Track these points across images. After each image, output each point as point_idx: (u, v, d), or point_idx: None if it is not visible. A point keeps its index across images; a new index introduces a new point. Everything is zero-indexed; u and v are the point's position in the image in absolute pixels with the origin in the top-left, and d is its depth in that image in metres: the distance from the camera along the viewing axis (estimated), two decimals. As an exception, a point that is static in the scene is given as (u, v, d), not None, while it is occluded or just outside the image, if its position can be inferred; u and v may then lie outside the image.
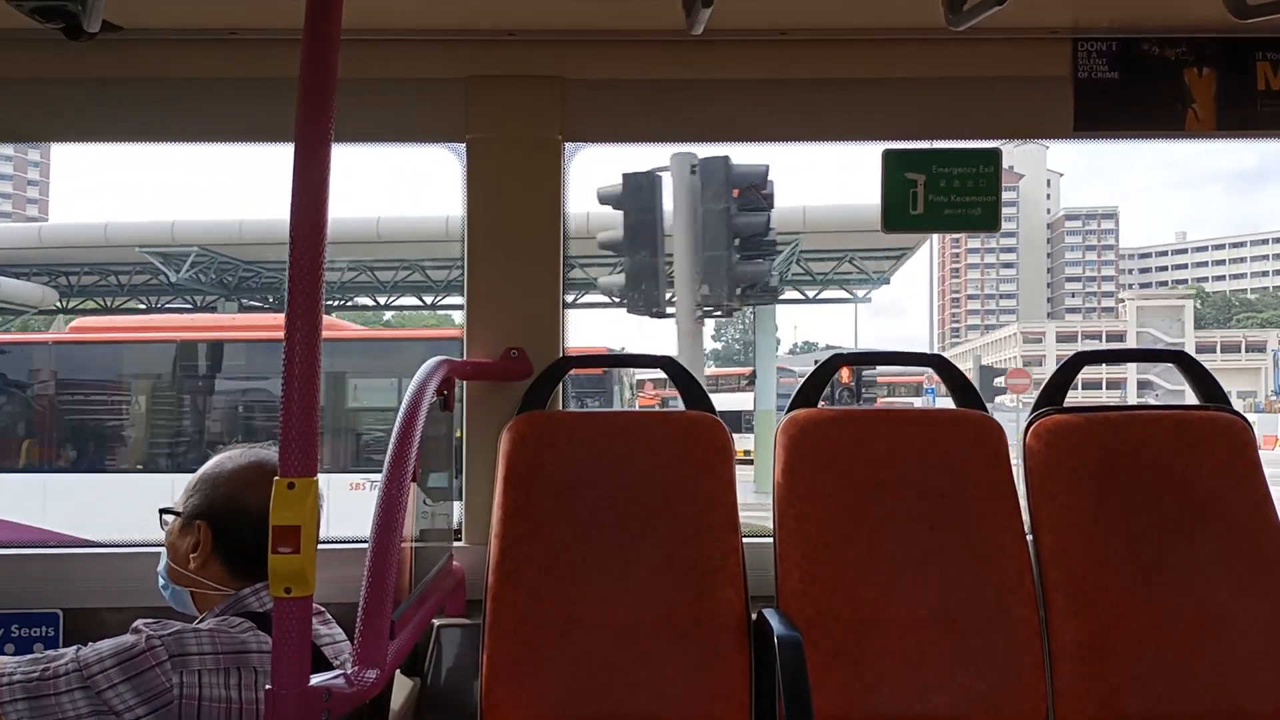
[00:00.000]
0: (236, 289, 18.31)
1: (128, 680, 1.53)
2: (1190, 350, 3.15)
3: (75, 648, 1.57)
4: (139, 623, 1.60)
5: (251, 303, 19.20)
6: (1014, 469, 2.18)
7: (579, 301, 18.05)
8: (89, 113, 2.37)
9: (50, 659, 1.55)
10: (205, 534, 1.73)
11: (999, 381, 26.62)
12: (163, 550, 1.80)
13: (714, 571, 2.04)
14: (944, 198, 2.37)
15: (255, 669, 1.60)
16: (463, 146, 2.36)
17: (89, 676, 1.52)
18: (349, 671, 1.38)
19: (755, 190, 8.92)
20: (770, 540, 2.12)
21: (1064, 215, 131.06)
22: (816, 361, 2.48)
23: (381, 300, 19.96)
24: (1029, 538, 2.12)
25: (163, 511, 1.81)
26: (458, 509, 2.31)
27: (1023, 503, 2.14)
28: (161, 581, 1.80)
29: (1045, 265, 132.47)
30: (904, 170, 2.38)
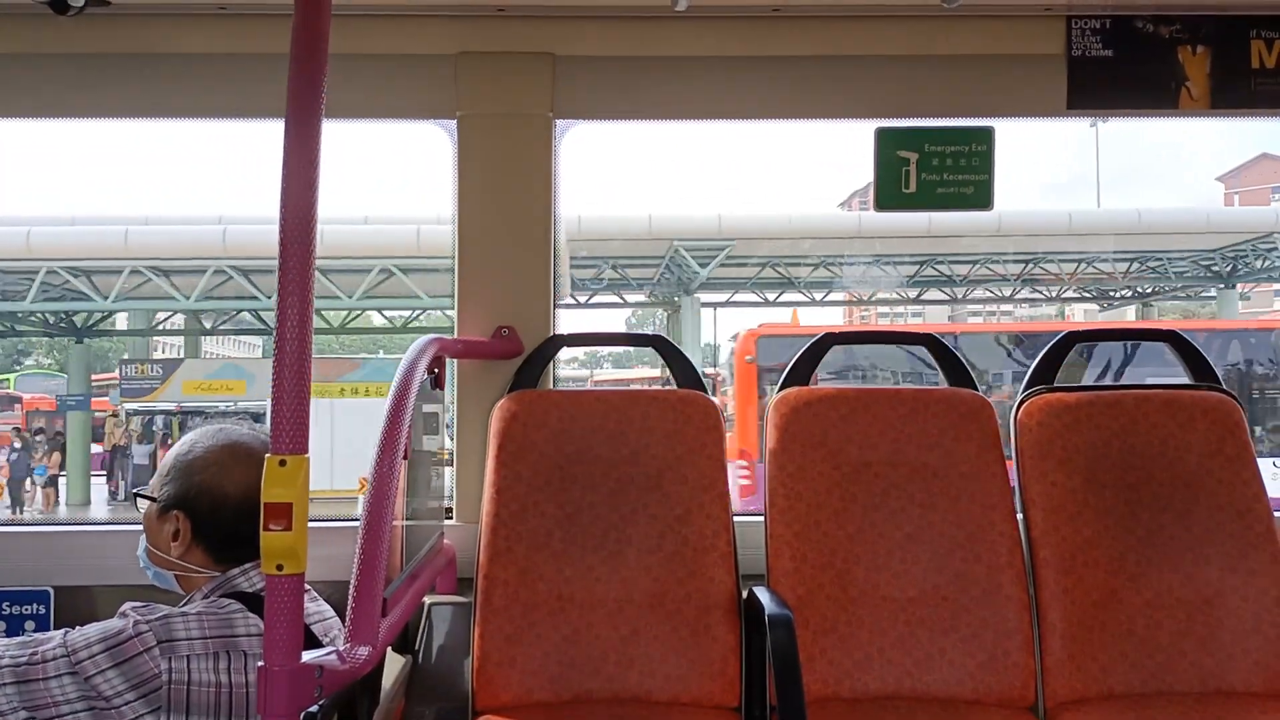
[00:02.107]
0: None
1: (115, 666, 1.52)
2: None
3: (64, 631, 1.56)
4: (127, 606, 1.59)
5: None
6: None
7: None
8: (76, 89, 2.34)
9: (39, 643, 1.54)
10: (184, 523, 1.71)
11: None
12: (142, 532, 1.78)
13: (705, 550, 2.05)
14: (936, 176, 2.37)
15: (244, 652, 1.59)
16: (453, 123, 2.34)
17: (77, 662, 1.51)
18: (341, 648, 1.38)
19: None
20: (761, 519, 2.13)
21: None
22: None
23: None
24: (1019, 516, 2.12)
25: (137, 495, 1.78)
26: (449, 487, 2.31)
27: (1013, 481, 2.15)
28: (143, 563, 1.77)
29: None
30: (896, 148, 2.38)
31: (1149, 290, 21.09)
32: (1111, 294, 21.79)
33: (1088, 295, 22.07)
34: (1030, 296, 21.92)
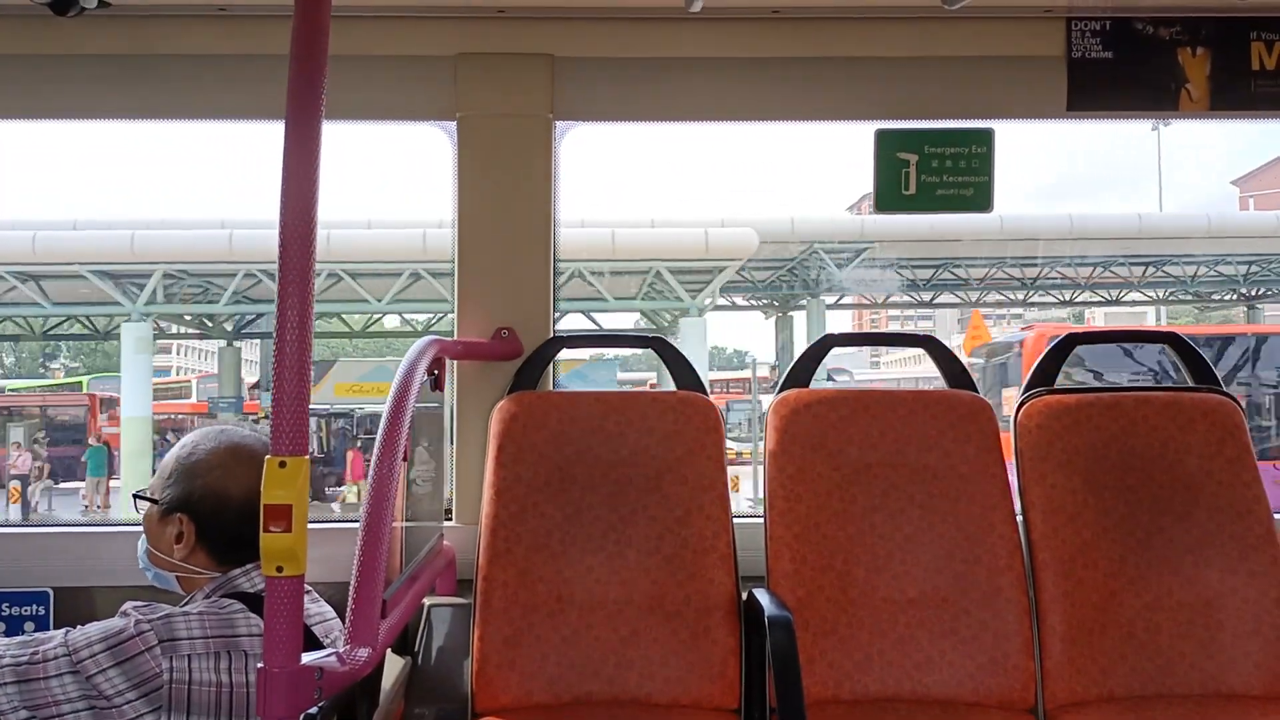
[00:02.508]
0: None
1: (117, 665, 1.52)
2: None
3: (64, 630, 1.55)
4: (128, 605, 1.59)
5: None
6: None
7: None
8: (77, 90, 2.34)
9: (40, 642, 1.54)
10: (188, 526, 1.71)
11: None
12: (142, 533, 1.78)
13: (705, 551, 2.05)
14: (936, 178, 2.37)
15: (245, 652, 1.59)
16: (453, 125, 2.34)
17: (78, 661, 1.51)
18: (341, 650, 1.38)
19: None
20: (761, 520, 2.13)
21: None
22: None
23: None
24: (1019, 519, 2.12)
25: (137, 496, 1.78)
26: (448, 489, 2.31)
27: (1013, 483, 2.15)
28: (143, 565, 1.77)
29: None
30: (896, 150, 2.38)
31: (1256, 293, 21.65)
32: (1211, 296, 22.41)
33: (1186, 298, 22.76)
34: (1139, 300, 22.52)
